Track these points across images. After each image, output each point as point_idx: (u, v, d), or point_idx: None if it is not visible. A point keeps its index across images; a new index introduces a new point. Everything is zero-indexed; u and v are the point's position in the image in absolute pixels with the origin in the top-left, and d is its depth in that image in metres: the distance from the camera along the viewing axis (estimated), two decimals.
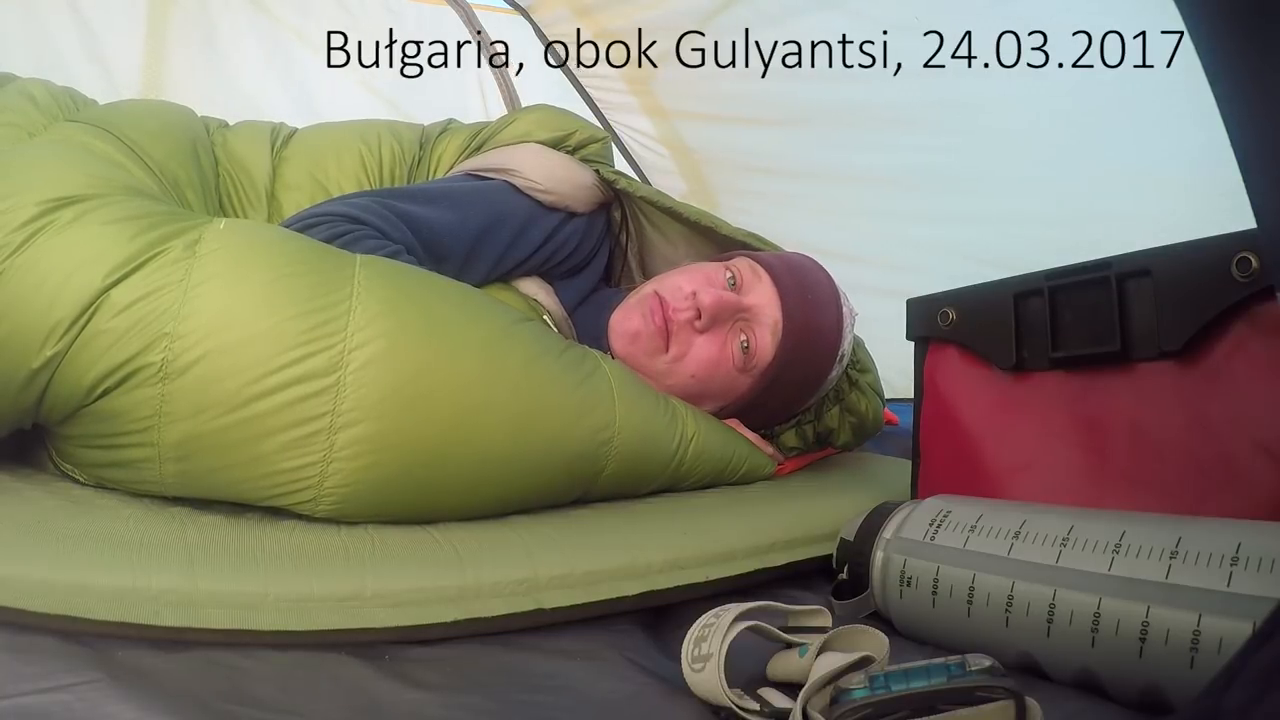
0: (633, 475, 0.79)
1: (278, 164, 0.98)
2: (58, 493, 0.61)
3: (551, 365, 0.72)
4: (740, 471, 0.89)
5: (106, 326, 0.58)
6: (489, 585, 0.58)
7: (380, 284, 0.65)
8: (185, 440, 0.59)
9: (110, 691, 0.41)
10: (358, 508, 0.63)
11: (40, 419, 0.62)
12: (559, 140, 1.02)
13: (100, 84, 1.52)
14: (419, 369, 0.63)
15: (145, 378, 0.58)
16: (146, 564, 0.50)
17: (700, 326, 0.87)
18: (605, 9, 1.70)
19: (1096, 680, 0.48)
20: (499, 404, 0.67)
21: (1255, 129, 0.34)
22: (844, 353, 0.95)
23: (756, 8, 1.41)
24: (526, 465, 0.70)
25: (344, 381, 0.60)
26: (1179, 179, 0.82)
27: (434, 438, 0.64)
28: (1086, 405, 0.64)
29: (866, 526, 0.65)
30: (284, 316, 0.60)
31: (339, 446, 0.60)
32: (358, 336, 0.61)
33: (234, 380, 0.58)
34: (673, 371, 0.88)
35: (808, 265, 0.96)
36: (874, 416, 1.00)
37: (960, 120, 1.27)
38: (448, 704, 0.46)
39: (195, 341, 0.58)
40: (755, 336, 0.89)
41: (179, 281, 0.59)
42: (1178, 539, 0.47)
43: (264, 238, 0.66)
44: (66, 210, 0.60)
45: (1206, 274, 0.57)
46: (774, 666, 0.52)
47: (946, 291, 0.77)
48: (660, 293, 0.90)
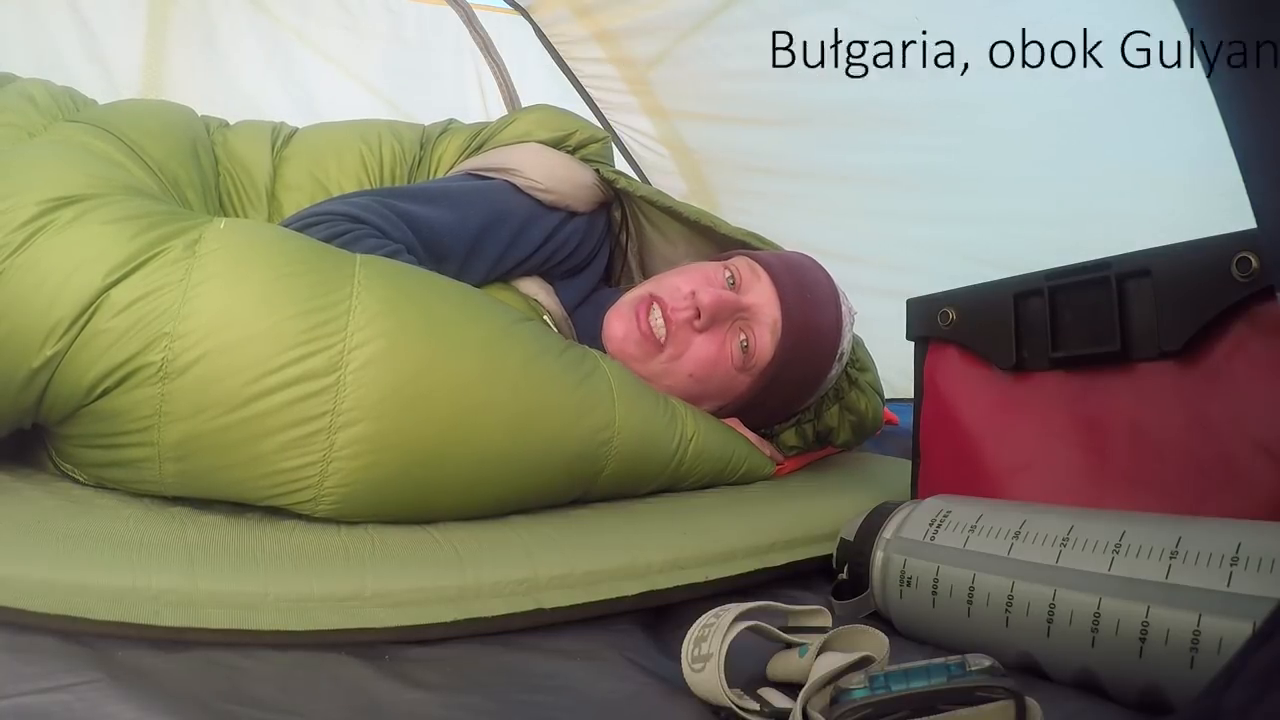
0: (632, 475, 0.79)
1: (278, 163, 0.98)
2: (58, 493, 0.61)
3: (551, 365, 0.72)
4: (740, 471, 0.89)
5: (106, 326, 0.58)
6: (489, 585, 0.58)
7: (380, 284, 0.65)
8: (185, 440, 0.59)
9: (110, 691, 0.41)
10: (358, 507, 0.63)
11: (40, 419, 0.62)
12: (559, 140, 1.02)
13: (100, 84, 1.52)
14: (419, 369, 0.63)
15: (145, 377, 0.58)
16: (146, 564, 0.50)
17: (699, 325, 0.87)
18: (605, 9, 1.70)
19: (1096, 680, 0.48)
20: (498, 404, 0.67)
21: (1255, 129, 0.34)
22: (843, 351, 0.95)
23: (756, 8, 1.41)
24: (526, 465, 0.70)
25: (344, 381, 0.60)
26: (1179, 179, 0.82)
27: (433, 437, 0.64)
28: (1086, 405, 0.64)
29: (866, 526, 0.65)
30: (284, 316, 0.60)
31: (339, 446, 0.60)
32: (357, 336, 0.61)
33: (234, 380, 0.58)
34: (671, 371, 0.88)
35: (806, 264, 0.96)
36: (874, 415, 1.00)
37: (960, 120, 1.27)
38: (448, 704, 0.46)
39: (195, 341, 0.58)
40: (754, 335, 0.89)
41: (179, 281, 0.59)
42: (1178, 539, 0.47)
43: (264, 237, 0.66)
44: (66, 210, 0.60)
45: (1206, 274, 0.57)
46: (774, 666, 0.52)
47: (946, 291, 0.77)
48: (658, 293, 0.90)
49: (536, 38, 1.92)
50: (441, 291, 0.71)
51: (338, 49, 1.82)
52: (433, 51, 1.92)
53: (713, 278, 0.90)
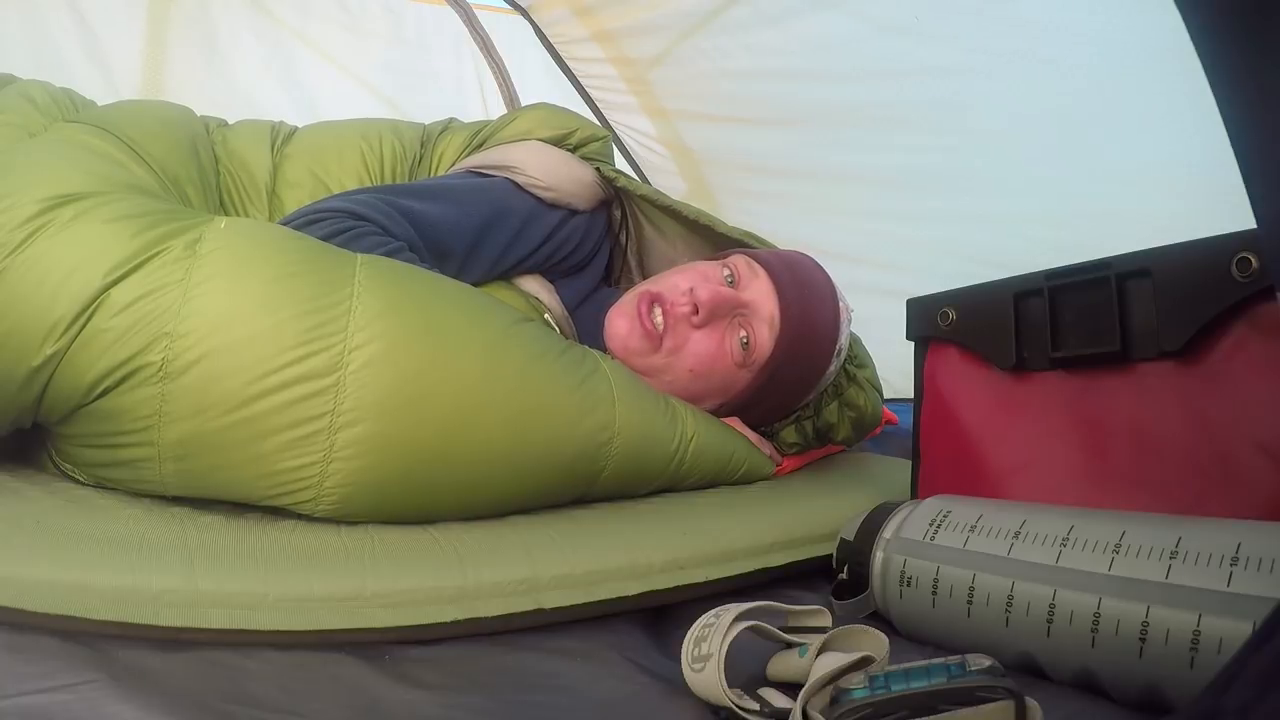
0: (633, 476, 0.79)
1: (279, 161, 0.98)
2: (58, 493, 0.61)
3: (551, 366, 0.72)
4: (740, 471, 0.89)
5: (107, 325, 0.58)
6: (489, 585, 0.58)
7: (381, 284, 0.65)
8: (185, 439, 0.59)
9: (110, 691, 0.41)
10: (358, 507, 0.63)
11: (40, 418, 0.62)
12: (560, 138, 1.02)
13: (100, 84, 1.53)
14: (419, 369, 0.63)
15: (145, 377, 0.58)
16: (147, 564, 0.50)
17: (697, 321, 0.87)
18: (605, 9, 1.70)
19: (1096, 680, 0.48)
20: (499, 404, 0.67)
21: (1255, 129, 0.34)
22: (841, 347, 0.95)
23: (756, 8, 1.41)
24: (526, 465, 0.70)
25: (344, 382, 0.60)
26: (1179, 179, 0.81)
27: (434, 438, 0.64)
28: (1086, 405, 0.64)
29: (866, 526, 0.65)
30: (284, 316, 0.60)
31: (339, 446, 0.60)
32: (358, 336, 0.61)
33: (234, 380, 0.58)
34: (670, 366, 0.89)
35: (804, 262, 0.96)
36: (873, 411, 1.01)
37: (960, 120, 1.27)
38: (448, 704, 0.46)
39: (195, 341, 0.58)
40: (754, 331, 0.89)
41: (179, 281, 0.59)
42: (1178, 539, 0.47)
43: (265, 237, 0.66)
44: (67, 208, 0.60)
45: (1206, 274, 0.57)
46: (774, 666, 0.52)
47: (946, 291, 0.77)
48: (656, 290, 0.90)
49: (536, 38, 1.92)
50: (442, 292, 0.71)
51: (338, 49, 1.82)
52: (433, 51, 1.92)
53: (711, 275, 0.91)
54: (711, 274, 0.91)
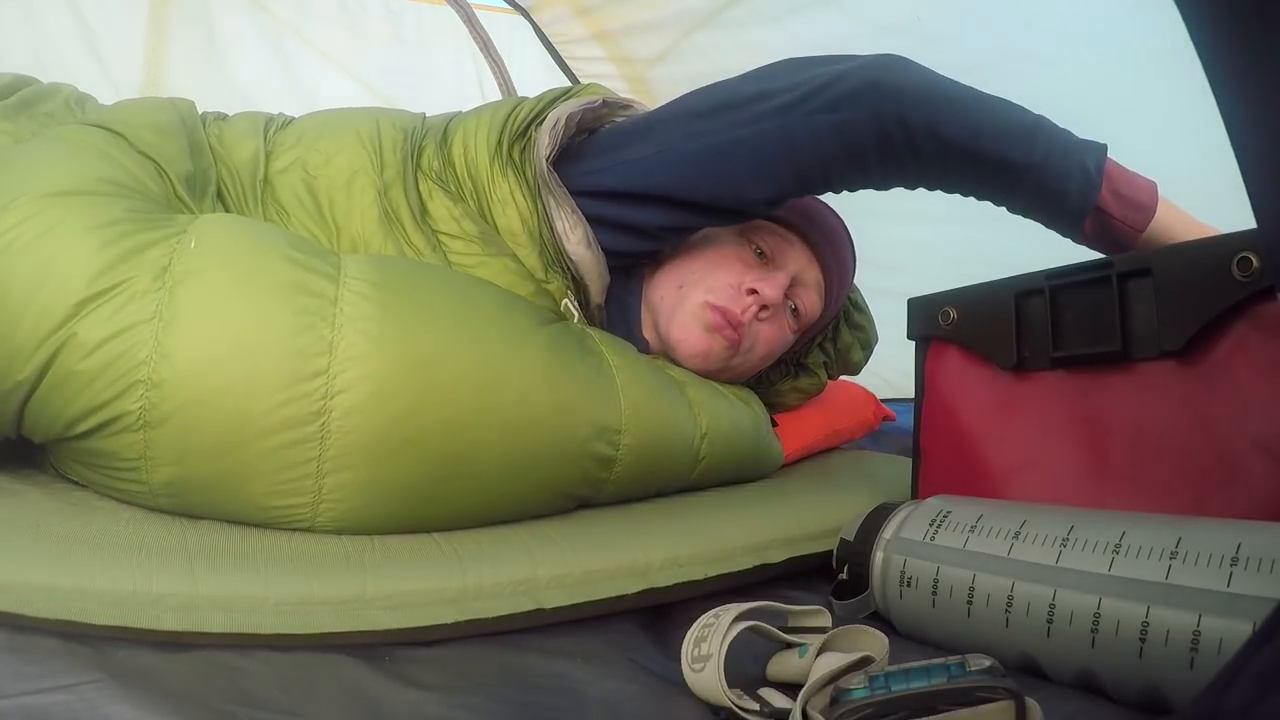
0: (636, 489, 0.78)
1: (271, 148, 0.96)
2: (58, 495, 0.61)
3: (554, 393, 0.68)
4: (753, 461, 0.91)
5: (78, 368, 0.55)
6: (489, 586, 0.58)
7: (366, 310, 0.62)
8: (173, 481, 0.58)
9: (110, 691, 0.41)
10: (356, 531, 0.62)
11: (24, 434, 0.61)
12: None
13: (100, 84, 1.53)
14: (408, 412, 0.60)
15: (126, 425, 0.56)
16: (147, 567, 0.50)
17: (765, 316, 0.90)
18: (605, 9, 1.70)
19: (1096, 681, 0.48)
20: (494, 444, 0.64)
21: (1255, 129, 0.34)
22: None
23: (756, 7, 1.41)
24: (524, 494, 0.69)
25: (328, 429, 0.58)
26: (1179, 179, 0.81)
27: (424, 480, 0.62)
28: (1087, 405, 0.64)
29: (866, 526, 0.65)
30: (260, 362, 0.57)
31: (327, 490, 0.59)
32: (340, 380, 0.58)
33: (213, 431, 0.56)
34: (745, 361, 0.92)
35: (811, 204, 0.97)
36: (872, 329, 1.08)
37: None
38: (448, 704, 0.46)
39: (171, 392, 0.56)
40: (803, 301, 0.93)
41: (149, 320, 0.56)
42: (1178, 539, 0.47)
43: (236, 259, 0.61)
44: (43, 215, 0.58)
45: (1207, 274, 0.57)
46: (774, 666, 0.52)
47: (947, 291, 0.77)
48: (715, 302, 0.87)
49: (536, 38, 1.92)
50: (435, 316, 0.65)
51: (338, 49, 1.82)
52: (433, 51, 1.92)
53: (748, 260, 0.91)
54: (746, 257, 0.91)
